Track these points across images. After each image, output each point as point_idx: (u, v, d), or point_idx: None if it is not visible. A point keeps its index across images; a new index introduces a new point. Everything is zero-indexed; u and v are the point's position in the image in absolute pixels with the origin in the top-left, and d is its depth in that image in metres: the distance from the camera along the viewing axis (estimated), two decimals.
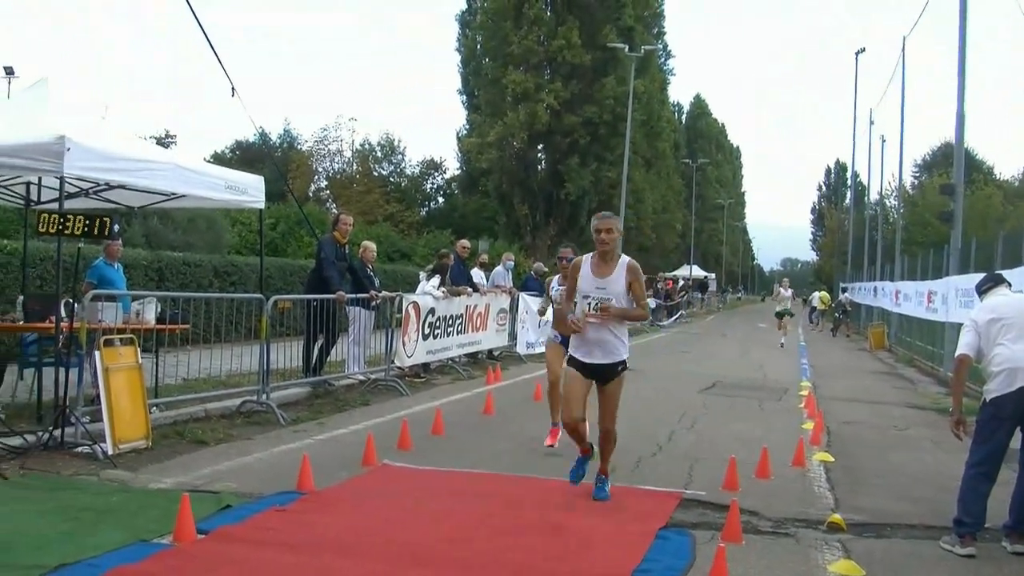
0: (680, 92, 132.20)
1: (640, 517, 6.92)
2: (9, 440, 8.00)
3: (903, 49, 35.13)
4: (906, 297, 27.52)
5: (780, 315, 29.04)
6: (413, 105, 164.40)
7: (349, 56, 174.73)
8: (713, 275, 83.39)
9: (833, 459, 9.75)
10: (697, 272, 73.18)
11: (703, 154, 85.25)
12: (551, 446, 9.51)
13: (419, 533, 6.19)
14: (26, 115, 9.13)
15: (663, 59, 57.02)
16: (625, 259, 7.28)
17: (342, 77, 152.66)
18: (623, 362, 7.29)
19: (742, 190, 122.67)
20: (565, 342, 8.66)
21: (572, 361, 7.37)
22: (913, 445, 11.31)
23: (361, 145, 54.70)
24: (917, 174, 67.20)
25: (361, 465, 8.24)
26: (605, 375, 7.25)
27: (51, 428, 8.24)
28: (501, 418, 11.58)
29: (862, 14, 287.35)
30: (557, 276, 9.65)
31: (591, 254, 7.37)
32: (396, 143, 56.55)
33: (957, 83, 20.42)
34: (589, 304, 7.13)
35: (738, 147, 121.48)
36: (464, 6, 49.96)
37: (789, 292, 29.89)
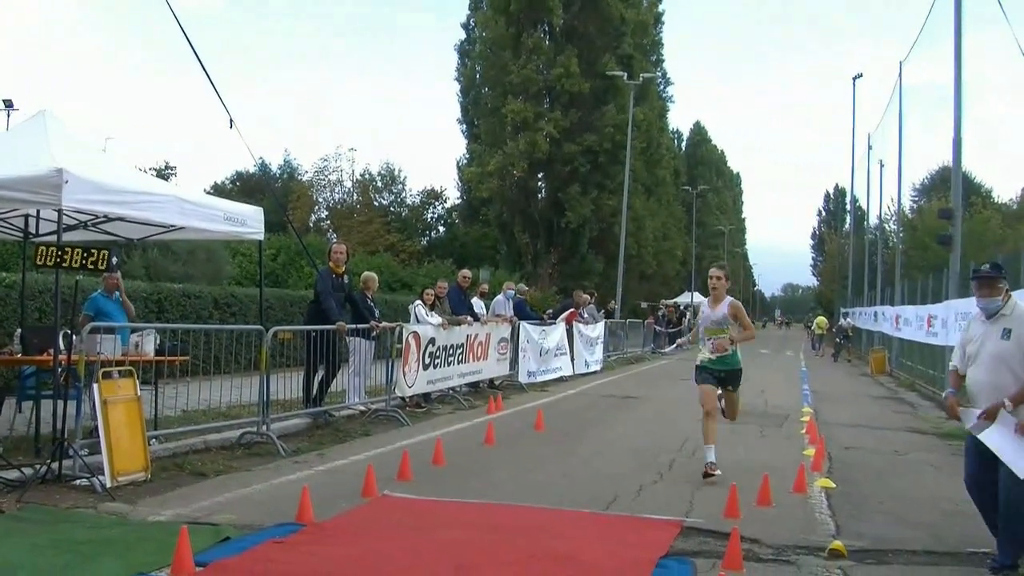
0: (680, 119, 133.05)
1: (641, 546, 6.87)
2: (7, 473, 7.98)
3: (900, 74, 35.37)
4: (906, 321, 27.46)
5: (716, 376, 10.96)
6: (413, 135, 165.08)
7: (349, 85, 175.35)
8: None
9: (834, 485, 9.67)
10: (698, 299, 72.82)
11: (703, 181, 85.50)
12: None
13: (420, 565, 6.15)
14: (25, 148, 9.14)
15: (662, 87, 57.25)
16: None
17: (342, 106, 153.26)
18: None
19: (743, 216, 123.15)
20: None
21: None
22: (914, 470, 11.24)
23: (361, 175, 54.49)
24: (916, 198, 67.07)
25: (361, 496, 8.19)
26: None
27: (49, 461, 8.21)
28: (502, 448, 11.52)
29: (860, 40, 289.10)
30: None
31: None
32: (396, 173, 56.24)
33: (953, 109, 20.58)
34: None
35: (738, 173, 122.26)
36: (463, 36, 50.28)
37: (722, 310, 10.47)
